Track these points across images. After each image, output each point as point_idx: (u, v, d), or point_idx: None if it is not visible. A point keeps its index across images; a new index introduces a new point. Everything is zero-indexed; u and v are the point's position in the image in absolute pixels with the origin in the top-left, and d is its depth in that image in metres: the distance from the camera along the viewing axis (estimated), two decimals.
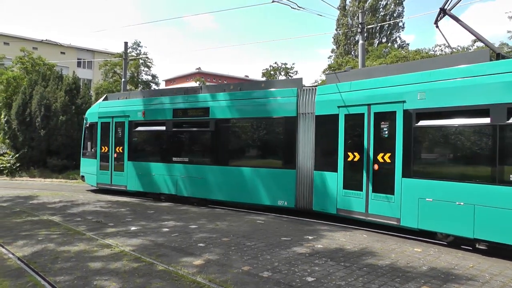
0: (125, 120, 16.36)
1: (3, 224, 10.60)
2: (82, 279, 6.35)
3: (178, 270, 6.65)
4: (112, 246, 8.27)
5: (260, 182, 12.66)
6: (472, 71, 8.54)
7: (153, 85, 56.43)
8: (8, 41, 57.72)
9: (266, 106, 12.71)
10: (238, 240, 8.80)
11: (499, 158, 7.90)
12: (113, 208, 13.09)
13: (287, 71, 67.37)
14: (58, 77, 41.27)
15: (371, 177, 10.27)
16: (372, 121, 10.28)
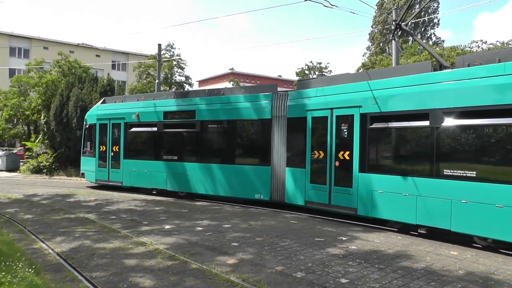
0: (121, 121, 17.68)
1: (43, 221, 10.99)
2: (117, 275, 6.50)
3: (211, 269, 6.69)
4: (147, 244, 8.41)
5: (240, 177, 14.02)
6: (413, 80, 9.84)
7: (187, 86, 57.00)
8: (47, 46, 59.60)
9: (245, 109, 14.05)
10: (271, 240, 8.79)
11: (436, 155, 9.26)
12: (147, 207, 13.33)
13: (321, 70, 66.75)
14: (93, 79, 42.29)
15: (333, 173, 11.58)
16: (334, 123, 11.62)
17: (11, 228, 10.01)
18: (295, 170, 12.67)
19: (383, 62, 37.54)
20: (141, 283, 6.12)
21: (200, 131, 15.14)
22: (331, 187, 11.59)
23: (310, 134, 12.27)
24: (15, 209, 13.01)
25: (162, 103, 16.54)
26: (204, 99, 15.23)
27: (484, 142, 8.67)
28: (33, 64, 46.78)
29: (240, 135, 14.83)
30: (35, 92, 42.94)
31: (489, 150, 8.59)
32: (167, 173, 16.04)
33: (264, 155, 13.62)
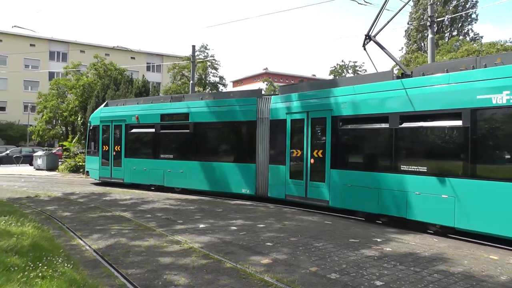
0: (122, 123, 19.04)
1: (80, 219, 11.27)
2: (153, 273, 6.57)
3: (246, 268, 6.68)
4: (181, 242, 8.47)
5: (228, 174, 15.34)
6: (376, 87, 11.11)
7: (221, 86, 57.35)
8: (84, 49, 61.13)
9: (233, 112, 15.32)
10: (305, 240, 8.71)
11: (394, 153, 10.54)
12: (182, 206, 13.46)
13: (355, 69, 65.96)
14: (128, 81, 43.14)
15: (309, 169, 12.86)
16: (309, 125, 12.89)
17: (51, 225, 10.31)
18: (277, 167, 13.96)
19: (418, 60, 36.70)
20: (175, 281, 6.16)
21: (193, 132, 16.52)
22: (307, 181, 12.91)
23: (289, 135, 13.55)
24: (55, 206, 13.41)
25: (159, 106, 18.02)
26: (197, 103, 16.65)
27: (433, 142, 10.13)
28: (71, 67, 48.11)
29: (229, 135, 16.17)
30: (73, 94, 44.15)
31: (436, 149, 10.00)
32: (164, 170, 17.40)
33: (250, 154, 14.82)
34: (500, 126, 8.91)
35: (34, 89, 59.15)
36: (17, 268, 5.53)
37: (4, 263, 5.65)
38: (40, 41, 61.88)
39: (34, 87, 60.73)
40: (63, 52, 65.56)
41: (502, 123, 8.83)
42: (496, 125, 8.99)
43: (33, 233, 7.84)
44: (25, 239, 7.21)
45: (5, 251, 6.33)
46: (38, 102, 45.62)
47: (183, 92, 46.01)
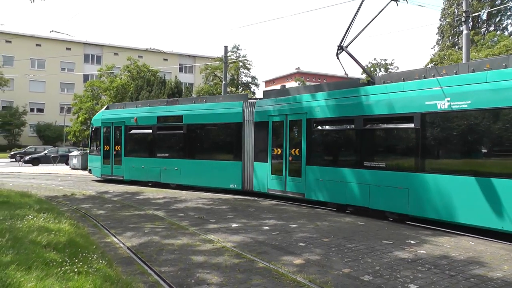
0: (122, 125, 20.46)
1: (114, 217, 11.49)
2: (185, 271, 6.60)
3: (278, 268, 6.63)
4: (214, 241, 8.50)
5: (218, 171, 16.83)
6: (344, 93, 12.63)
7: (253, 86, 57.51)
8: (117, 52, 62.39)
9: (222, 114, 16.80)
10: (338, 241, 8.60)
11: (359, 151, 12.14)
12: (214, 205, 13.53)
13: (386, 67, 64.95)
14: (161, 82, 43.85)
15: (287, 165, 14.29)
16: (288, 126, 14.29)
17: (86, 222, 10.53)
18: (261, 164, 15.40)
19: (452, 57, 35.78)
20: (208, 279, 6.17)
21: (186, 133, 18.03)
22: (286, 177, 14.34)
23: (271, 135, 14.96)
24: (89, 205, 13.71)
25: (156, 109, 19.51)
26: (190, 106, 18.14)
27: (390, 141, 11.75)
28: (105, 70, 49.17)
29: (218, 136, 17.76)
30: (107, 96, 45.14)
31: (393, 147, 11.64)
32: (160, 168, 18.87)
33: (237, 152, 16.37)
34: (443, 127, 10.27)
35: (70, 91, 60.99)
36: (55, 263, 5.67)
37: (44, 258, 5.80)
38: (75, 44, 63.68)
39: (69, 89, 62.61)
40: (97, 55, 67.22)
41: (445, 125, 10.21)
42: (440, 126, 10.35)
43: (69, 230, 8.02)
44: (62, 235, 7.39)
45: (44, 246, 6.51)
46: (73, 103, 46.96)
47: (216, 93, 46.35)
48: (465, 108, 9.64)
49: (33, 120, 60.74)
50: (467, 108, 9.60)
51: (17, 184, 19.07)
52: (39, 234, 7.10)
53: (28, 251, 6.06)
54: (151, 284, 6.01)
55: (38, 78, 60.61)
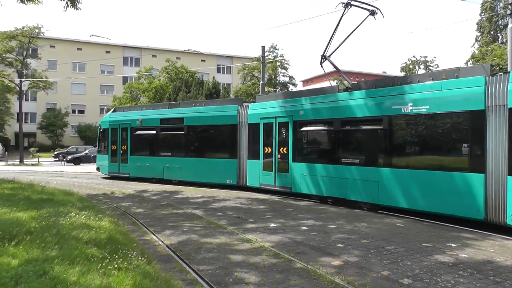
0: (128, 126, 22.13)
1: (153, 215, 11.68)
2: (223, 270, 6.63)
3: (316, 269, 6.56)
4: (252, 241, 8.50)
5: (216, 168, 18.56)
6: (324, 98, 14.18)
7: (290, 86, 57.34)
8: (155, 54, 63.56)
9: (219, 117, 18.44)
10: (377, 243, 8.43)
11: (337, 149, 13.67)
12: (252, 205, 13.54)
13: (427, 65, 63.41)
14: (199, 83, 44.37)
15: (276, 162, 15.91)
16: (277, 128, 15.87)
17: (126, 220, 10.78)
18: (253, 162, 17.04)
19: (496, 53, 34.50)
20: (246, 279, 6.17)
21: (187, 133, 19.67)
22: (276, 173, 15.95)
23: (262, 135, 16.53)
24: (129, 203, 14.03)
25: (159, 112, 21.23)
26: (190, 109, 19.91)
27: (364, 140, 13.34)
28: (143, 72, 50.16)
29: (216, 136, 19.23)
30: (145, 97, 46.04)
31: (366, 145, 13.17)
32: (163, 166, 20.54)
33: (233, 151, 18.01)
34: (407, 128, 11.96)
35: (109, 93, 62.62)
36: (96, 259, 5.79)
37: (85, 254, 5.97)
38: (114, 48, 65.33)
39: (109, 91, 64.27)
40: (136, 57, 68.68)
41: (408, 126, 11.87)
42: (404, 128, 12.04)
43: (110, 227, 8.20)
44: (102, 232, 7.56)
45: (86, 242, 6.69)
46: (113, 105, 48.16)
47: (254, 92, 46.51)
48: (424, 112, 11.23)
49: (75, 121, 62.81)
50: (426, 112, 11.19)
51: (60, 183, 19.74)
52: (81, 231, 7.30)
53: (71, 247, 6.24)
54: (189, 282, 6.06)
55: (79, 81, 62.67)
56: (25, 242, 6.23)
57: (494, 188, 9.87)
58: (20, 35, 41.36)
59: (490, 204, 9.93)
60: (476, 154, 10.28)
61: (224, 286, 5.92)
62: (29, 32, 41.76)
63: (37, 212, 8.69)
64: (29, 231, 6.90)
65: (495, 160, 9.86)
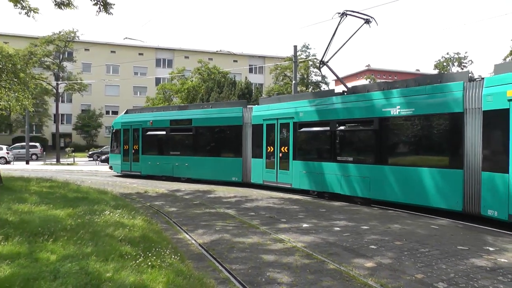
0: (139, 127, 23.49)
1: (186, 214, 11.79)
2: (256, 269, 6.62)
3: (349, 271, 6.48)
4: (285, 241, 8.46)
5: (222, 166, 19.78)
6: (321, 102, 15.34)
7: (323, 85, 56.92)
8: (188, 55, 64.23)
9: (225, 118, 19.64)
10: (411, 245, 8.24)
11: (333, 148, 14.78)
12: (285, 205, 13.49)
13: (460, 62, 61.85)
14: (231, 83, 44.64)
15: (278, 161, 17.14)
16: (278, 128, 17.09)
17: (159, 219, 10.91)
18: (257, 160, 18.23)
19: None
20: (278, 279, 6.14)
21: (195, 134, 20.94)
22: (277, 170, 17.17)
23: (265, 136, 17.73)
24: (162, 202, 14.19)
25: (169, 114, 22.61)
26: (198, 111, 21.14)
27: (357, 140, 14.63)
28: (176, 73, 50.76)
29: (222, 136, 20.45)
30: (178, 98, 46.61)
31: (359, 145, 14.54)
32: (173, 164, 21.81)
33: (238, 150, 19.13)
34: (396, 128, 13.15)
35: (142, 94, 63.79)
36: (129, 256, 5.93)
37: (119, 251, 6.11)
38: (147, 50, 66.45)
39: (142, 92, 65.45)
40: (169, 59, 69.70)
41: (397, 127, 13.08)
42: (393, 128, 13.18)
43: (143, 225, 8.36)
44: (136, 230, 7.70)
45: (120, 240, 6.84)
46: (146, 106, 48.97)
47: (286, 92, 46.48)
48: (410, 114, 12.38)
49: (109, 122, 63.88)
50: (412, 114, 12.33)
51: (95, 182, 20.19)
52: (115, 229, 7.47)
53: (105, 244, 6.39)
54: (221, 281, 6.07)
55: (113, 83, 64.06)
56: (62, 239, 6.45)
57: (471, 183, 10.93)
58: (57, 40, 42.70)
59: (467, 197, 11.00)
60: (455, 152, 11.49)
61: (257, 286, 5.91)
62: (65, 37, 43.05)
63: (73, 210, 8.95)
64: (66, 228, 7.13)
65: (471, 157, 10.93)
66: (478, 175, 10.72)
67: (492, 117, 10.40)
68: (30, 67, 27.53)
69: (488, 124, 10.53)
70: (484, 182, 10.54)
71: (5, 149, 39.90)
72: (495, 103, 10.23)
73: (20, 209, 8.74)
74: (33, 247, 5.99)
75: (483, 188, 10.57)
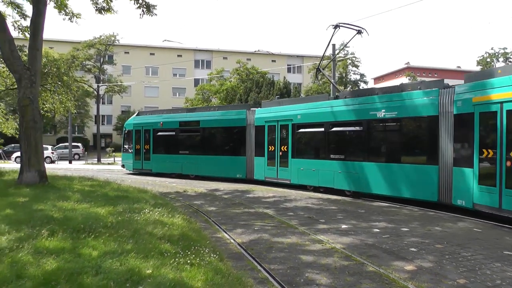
0: (150, 128, 25.29)
1: (225, 214, 11.89)
2: (294, 270, 6.60)
3: (389, 274, 6.36)
4: (323, 242, 8.41)
5: (227, 164, 21.51)
6: (317, 105, 17.07)
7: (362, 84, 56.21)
8: (226, 56, 64.74)
9: (230, 120, 21.51)
10: (452, 248, 7.99)
11: (327, 147, 16.54)
12: (323, 206, 13.41)
13: (506, 57, 59.61)
14: (270, 83, 44.74)
15: (278, 158, 18.85)
16: (279, 129, 18.83)
17: (198, 218, 11.04)
18: (259, 158, 19.95)
19: None
20: (317, 280, 6.10)
21: (202, 134, 22.85)
22: (278, 167, 18.89)
23: (267, 136, 19.49)
24: (201, 201, 14.37)
25: (178, 116, 24.64)
26: (205, 113, 23.27)
27: (347, 140, 16.28)
28: (214, 74, 51.28)
29: (227, 136, 22.29)
30: (217, 98, 47.05)
31: (349, 144, 16.08)
32: (182, 162, 23.57)
33: (242, 150, 20.93)
34: (381, 130, 14.89)
35: (181, 95, 64.76)
36: (169, 254, 6.02)
37: (159, 249, 6.22)
38: (186, 51, 67.38)
39: (181, 93, 66.44)
40: (207, 60, 70.47)
41: (381, 128, 14.81)
42: (378, 129, 14.91)
43: (182, 224, 8.47)
44: (175, 229, 7.81)
45: (159, 238, 6.96)
46: (185, 106, 49.70)
47: (325, 92, 46.22)
48: (394, 117, 14.05)
49: None
50: (395, 116, 14.01)
51: (135, 181, 20.70)
52: (155, 227, 7.60)
53: (145, 242, 6.52)
54: (260, 280, 6.08)
55: (152, 84, 65.32)
56: (103, 236, 6.63)
57: (444, 177, 12.64)
58: (98, 44, 44.07)
59: (441, 189, 12.74)
60: (432, 150, 13.11)
61: (295, 287, 5.89)
62: (106, 40, 44.33)
63: (114, 208, 9.17)
64: (107, 226, 7.32)
65: (445, 155, 12.63)
66: (450, 170, 12.44)
67: (461, 120, 12.06)
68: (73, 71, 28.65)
69: (458, 126, 12.19)
70: (455, 176, 12.27)
71: (50, 149, 41.31)
72: (463, 108, 11.89)
73: (64, 206, 9.04)
74: (76, 243, 6.19)
75: (454, 181, 12.29)
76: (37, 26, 14.33)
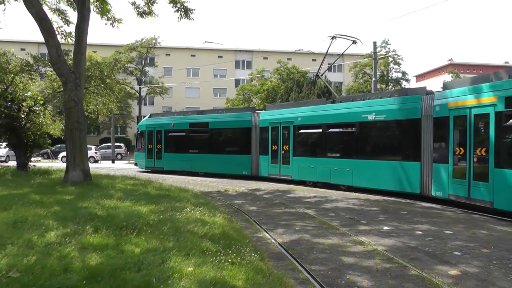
0: (161, 129, 27.26)
1: (266, 213, 11.92)
2: (335, 271, 6.53)
3: (432, 278, 6.19)
4: (365, 243, 8.29)
5: (234, 162, 23.46)
6: (315, 108, 19.23)
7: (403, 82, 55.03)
8: (267, 56, 64.83)
9: (237, 121, 23.55)
10: (500, 253, 7.64)
11: (324, 146, 18.64)
12: (365, 206, 13.22)
13: None
14: (311, 83, 44.51)
15: (281, 157, 20.72)
16: (281, 131, 20.69)
17: (239, 217, 11.10)
18: (264, 157, 21.88)
19: None
20: (358, 282, 6.03)
21: (211, 135, 24.93)
22: (280, 165, 20.76)
23: (270, 136, 21.38)
24: (242, 201, 14.49)
25: (188, 117, 26.70)
26: (213, 115, 25.35)
27: (342, 140, 18.05)
28: (255, 74, 51.47)
29: (234, 137, 24.27)
30: (257, 98, 47.22)
31: (344, 144, 17.92)
32: (192, 161, 25.53)
33: (247, 149, 22.84)
34: (371, 131, 16.84)
35: (222, 96, 65.29)
36: (210, 252, 6.06)
37: (200, 247, 6.27)
38: (226, 52, 67.84)
39: (222, 94, 66.98)
40: (248, 60, 70.72)
41: (372, 129, 16.80)
42: (369, 130, 16.83)
43: (223, 223, 8.52)
44: (216, 228, 7.86)
45: (200, 236, 7.03)
46: (226, 106, 50.15)
47: (365, 90, 45.56)
48: (382, 119, 15.97)
49: None
50: (384, 119, 15.93)
51: (176, 180, 21.05)
52: (196, 226, 7.67)
53: (187, 240, 6.59)
54: (301, 281, 6.05)
55: (193, 85, 66.23)
56: (145, 233, 6.75)
57: (425, 172, 14.48)
58: (140, 47, 45.15)
59: (423, 183, 14.60)
60: (415, 148, 14.89)
61: None
62: (147, 43, 45.33)
63: (156, 207, 9.32)
64: (149, 224, 7.45)
65: (426, 153, 14.44)
66: (430, 166, 14.31)
67: (439, 122, 13.85)
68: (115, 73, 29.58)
69: (437, 128, 13.99)
70: (434, 171, 14.13)
71: (93, 149, 42.67)
72: (441, 112, 13.73)
73: (107, 204, 9.26)
74: (119, 239, 6.33)
75: (433, 176, 14.14)
76: (82, 31, 14.83)
